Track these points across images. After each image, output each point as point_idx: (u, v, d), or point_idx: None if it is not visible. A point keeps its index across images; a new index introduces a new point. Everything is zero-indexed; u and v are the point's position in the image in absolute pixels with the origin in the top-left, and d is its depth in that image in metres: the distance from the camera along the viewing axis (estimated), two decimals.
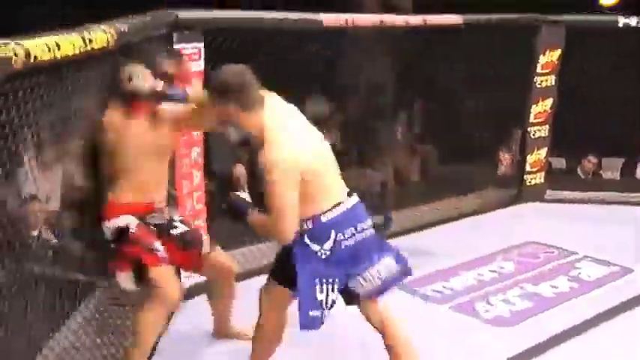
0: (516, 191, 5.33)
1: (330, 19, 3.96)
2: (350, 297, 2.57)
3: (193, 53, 3.36)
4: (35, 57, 2.06)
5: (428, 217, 4.94)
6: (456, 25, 4.57)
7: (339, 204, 2.48)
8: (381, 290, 2.56)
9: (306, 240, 2.45)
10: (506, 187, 5.42)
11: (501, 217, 5.04)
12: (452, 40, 4.81)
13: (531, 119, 5.16)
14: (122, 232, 2.70)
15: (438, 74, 5.10)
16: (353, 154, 4.71)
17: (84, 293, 3.22)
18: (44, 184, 3.28)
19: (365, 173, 4.68)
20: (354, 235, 2.48)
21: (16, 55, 1.95)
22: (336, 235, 2.46)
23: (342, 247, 2.46)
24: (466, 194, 5.32)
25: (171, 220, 2.85)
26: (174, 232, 2.82)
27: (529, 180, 5.31)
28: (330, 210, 2.46)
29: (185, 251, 2.82)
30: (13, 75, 1.96)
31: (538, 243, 4.42)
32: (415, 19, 4.35)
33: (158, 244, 2.73)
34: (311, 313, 2.44)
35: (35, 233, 3.46)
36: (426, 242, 4.42)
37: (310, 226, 2.45)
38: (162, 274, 2.69)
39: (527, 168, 5.26)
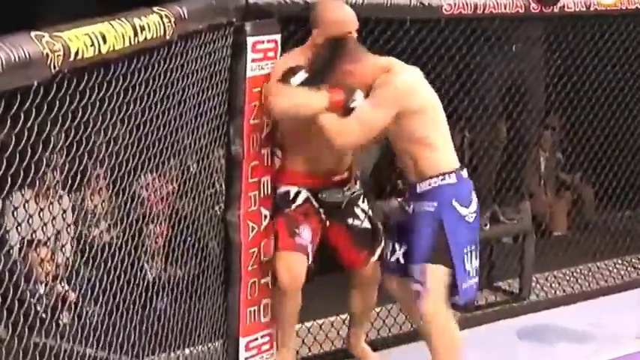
0: None
1: (454, 4, 4.00)
2: None
3: (269, 49, 3.44)
4: (76, 53, 2.17)
5: (582, 285, 4.89)
6: (633, 10, 4.55)
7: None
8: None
9: (455, 203, 3.21)
10: None
11: None
12: (619, 31, 4.77)
13: None
14: (284, 199, 3.47)
15: (596, 76, 5.02)
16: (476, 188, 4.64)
17: None
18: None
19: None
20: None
21: (52, 52, 2.05)
22: (473, 199, 3.31)
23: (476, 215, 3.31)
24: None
25: (354, 206, 3.55)
26: (351, 222, 3.55)
27: None
28: (462, 169, 3.32)
29: (353, 248, 3.56)
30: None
31: None
32: (574, 3, 4.35)
33: (305, 229, 3.43)
34: (464, 285, 3.25)
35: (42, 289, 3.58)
36: (581, 321, 4.38)
37: (454, 181, 3.24)
38: (283, 259, 3.44)
39: None
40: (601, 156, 5.21)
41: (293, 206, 3.46)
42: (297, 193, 3.48)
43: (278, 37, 3.48)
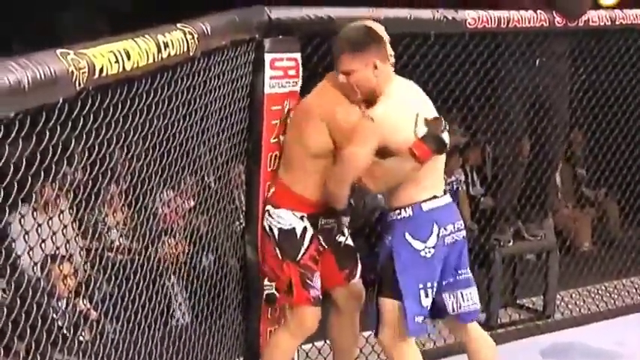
0: None
1: (478, 18, 4.02)
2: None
3: (289, 67, 3.46)
4: (101, 70, 2.20)
5: (608, 302, 4.88)
6: None
7: (436, 197, 3.15)
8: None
9: (408, 237, 3.10)
10: None
11: None
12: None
13: None
14: (290, 240, 3.30)
15: (621, 91, 5.02)
16: (500, 205, 4.66)
17: None
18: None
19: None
20: (452, 232, 3.16)
21: (78, 69, 2.09)
22: (439, 230, 3.11)
23: (444, 243, 3.13)
24: None
25: (341, 223, 3.41)
26: (338, 238, 3.45)
27: None
28: (430, 200, 3.12)
29: (337, 265, 3.45)
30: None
31: None
32: (599, 17, 4.36)
33: (316, 277, 3.33)
34: (416, 318, 3.12)
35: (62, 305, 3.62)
36: (607, 340, 4.36)
37: (409, 214, 3.10)
38: (297, 313, 3.35)
39: None
40: (626, 172, 5.20)
41: (301, 252, 3.32)
42: (304, 231, 3.32)
43: (298, 55, 3.49)
